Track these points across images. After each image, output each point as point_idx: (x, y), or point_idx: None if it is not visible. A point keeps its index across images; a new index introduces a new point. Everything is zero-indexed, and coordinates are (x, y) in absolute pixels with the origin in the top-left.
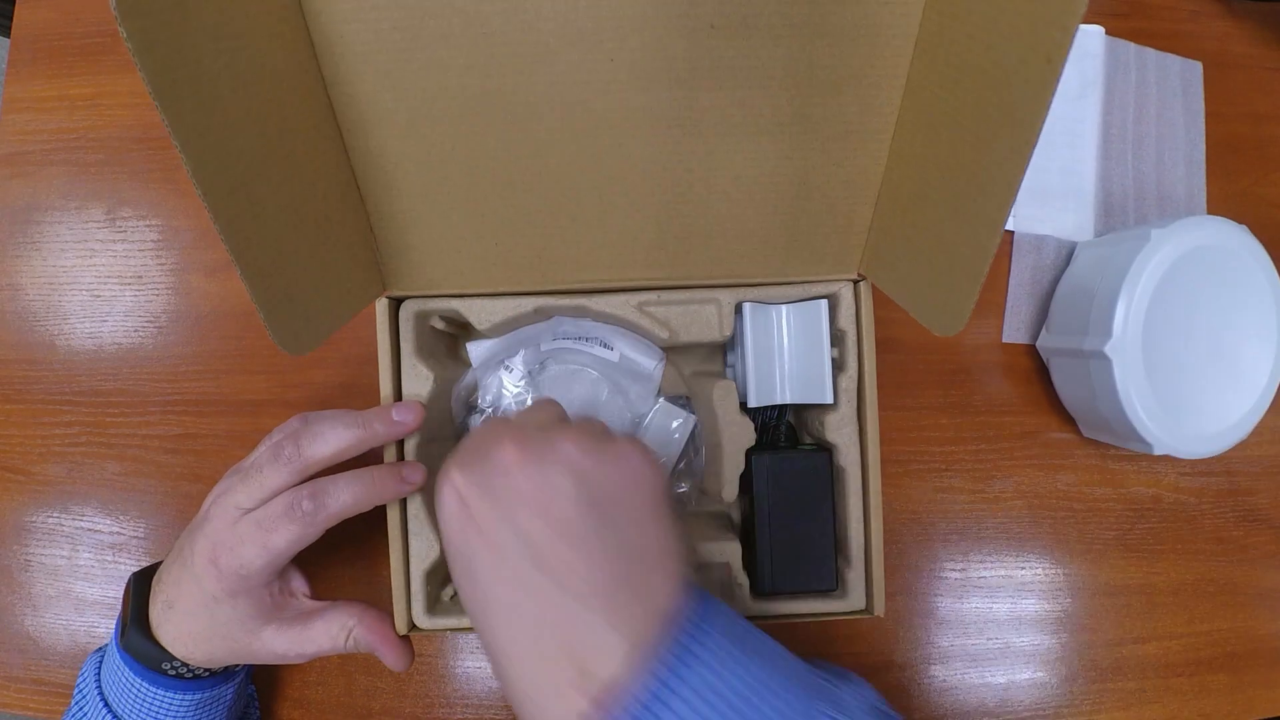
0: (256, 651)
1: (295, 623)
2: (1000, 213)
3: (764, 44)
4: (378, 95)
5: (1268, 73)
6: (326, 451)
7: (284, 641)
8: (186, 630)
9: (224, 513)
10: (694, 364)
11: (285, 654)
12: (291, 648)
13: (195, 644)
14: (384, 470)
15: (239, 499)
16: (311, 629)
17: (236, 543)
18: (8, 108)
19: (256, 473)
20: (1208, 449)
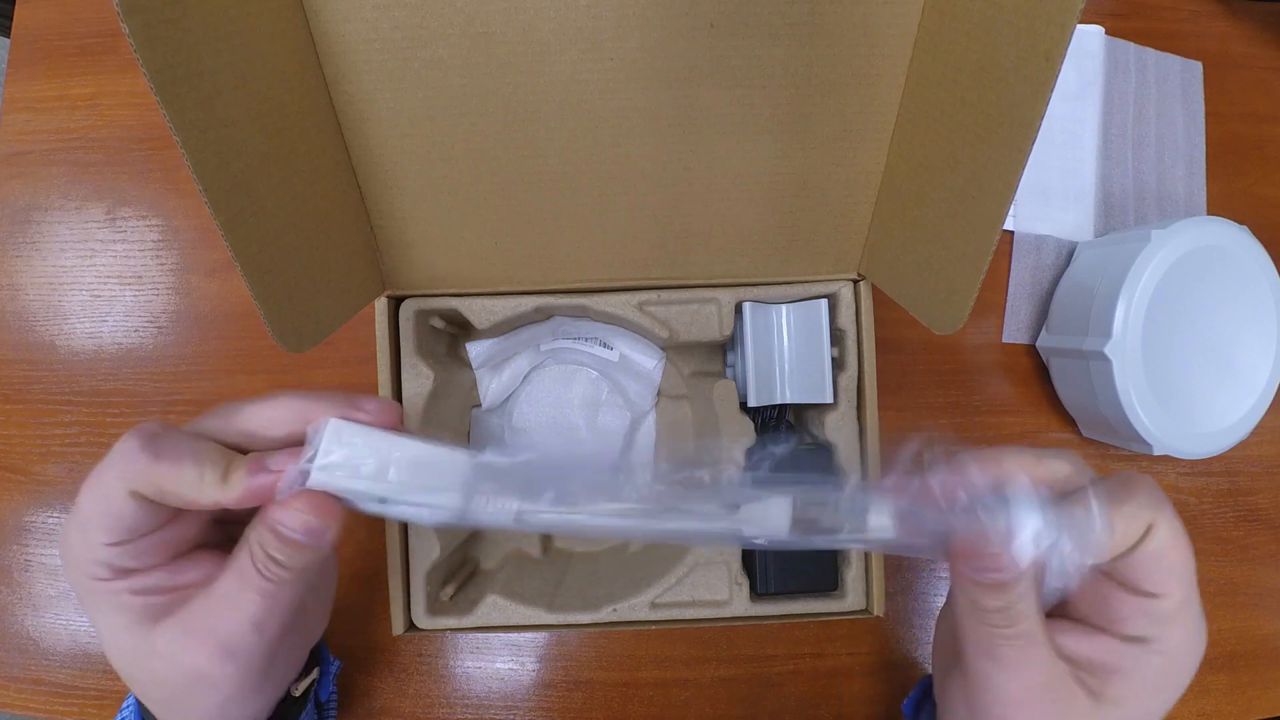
0: (165, 677)
1: (195, 605)
2: (999, 211)
3: (764, 43)
4: (378, 94)
5: (1268, 73)
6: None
7: (180, 635)
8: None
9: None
10: (694, 364)
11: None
12: (191, 637)
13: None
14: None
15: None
16: (216, 588)
17: (66, 520)
18: (8, 108)
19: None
20: (1208, 449)
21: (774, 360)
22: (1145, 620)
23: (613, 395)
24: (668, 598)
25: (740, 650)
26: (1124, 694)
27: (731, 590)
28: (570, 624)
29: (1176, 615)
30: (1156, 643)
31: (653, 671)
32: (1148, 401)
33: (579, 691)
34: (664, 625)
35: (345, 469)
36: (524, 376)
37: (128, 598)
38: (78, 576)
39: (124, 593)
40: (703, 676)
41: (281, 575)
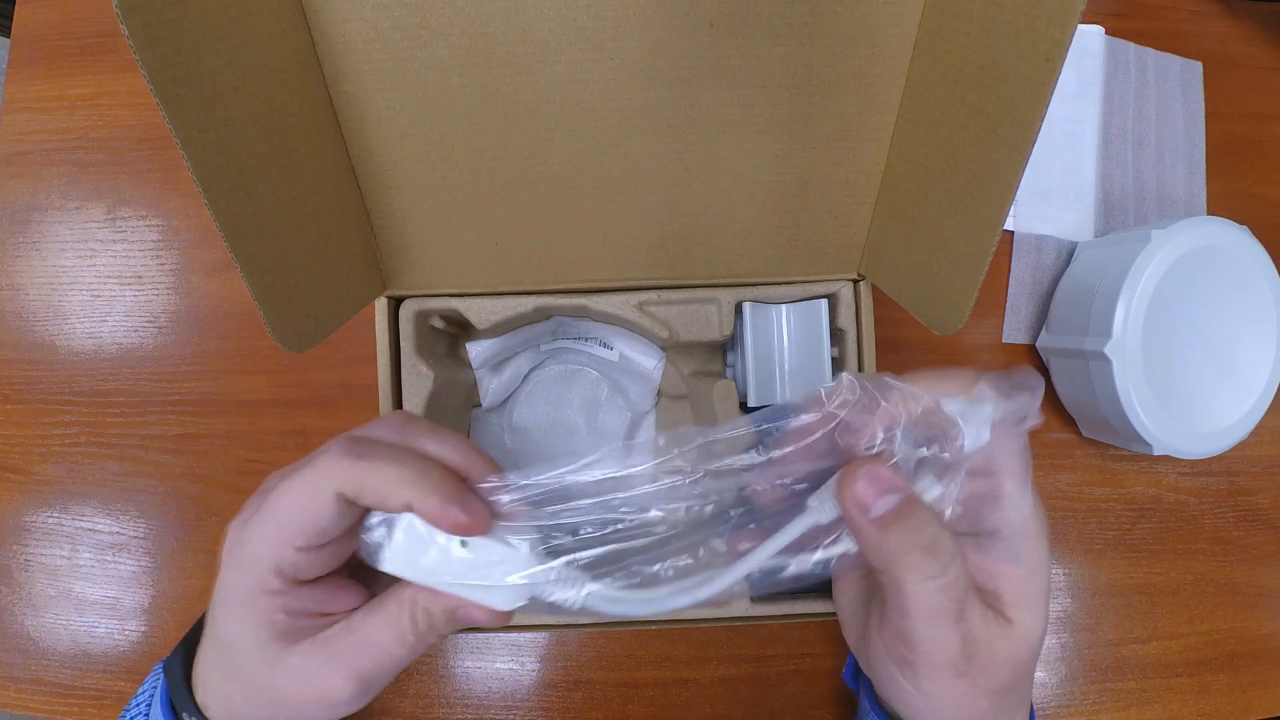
0: (285, 694)
1: (335, 634)
2: (999, 211)
3: (764, 43)
4: (378, 94)
5: (1268, 73)
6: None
7: (322, 663)
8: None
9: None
10: (694, 364)
11: (334, 689)
12: (336, 669)
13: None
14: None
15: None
16: (363, 628)
17: (245, 521)
18: (8, 108)
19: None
20: (1208, 449)
21: (774, 360)
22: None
23: (613, 395)
24: None
25: (740, 650)
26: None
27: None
28: (570, 624)
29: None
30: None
31: (653, 671)
32: (1148, 401)
33: (579, 691)
34: (664, 625)
35: (411, 564)
36: (524, 376)
37: (281, 616)
38: (243, 583)
39: (280, 611)
40: (703, 676)
41: (433, 640)
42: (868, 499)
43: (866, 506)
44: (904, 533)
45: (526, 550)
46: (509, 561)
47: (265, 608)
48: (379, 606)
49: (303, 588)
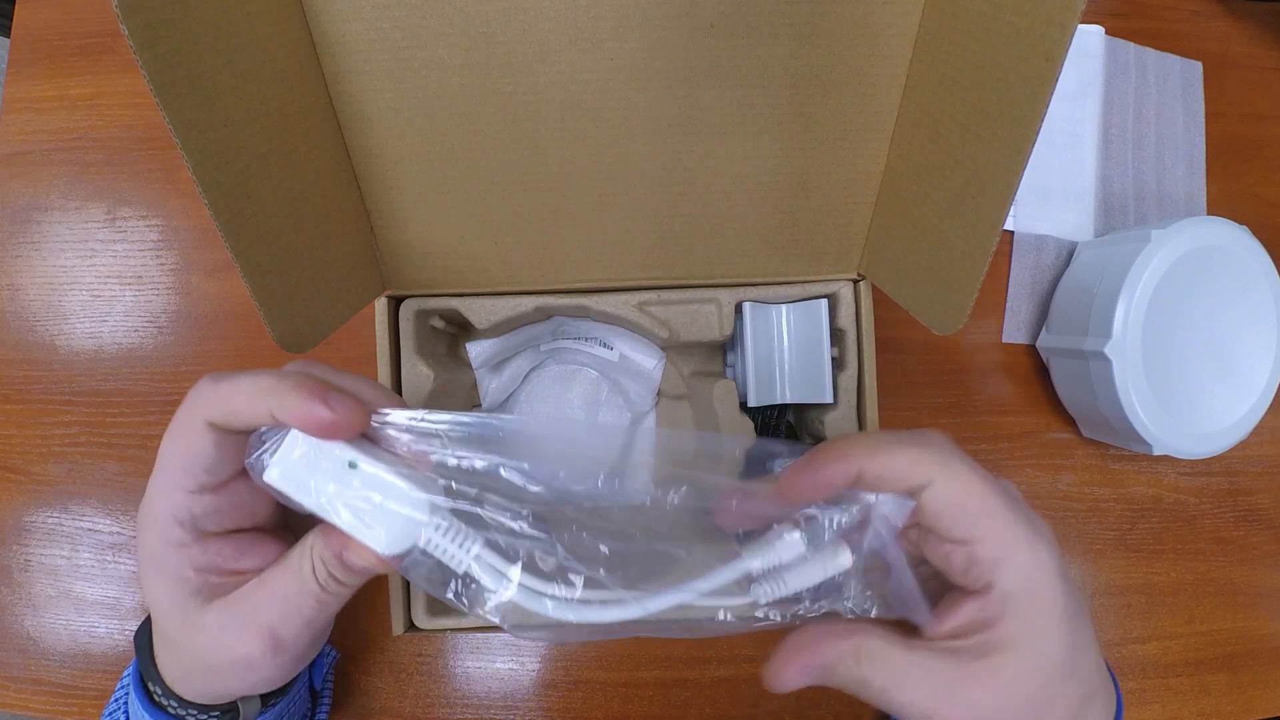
0: (206, 654)
1: (246, 591)
2: (999, 211)
3: (763, 43)
4: (378, 94)
5: (1268, 73)
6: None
7: (232, 621)
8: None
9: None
10: (694, 364)
11: (245, 649)
12: (244, 626)
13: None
14: (309, 378)
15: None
16: (268, 584)
17: (146, 491)
18: (8, 108)
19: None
20: (1208, 449)
21: (774, 360)
22: (980, 568)
23: (613, 395)
24: None
25: (740, 650)
26: (1009, 638)
27: None
28: None
29: (1007, 552)
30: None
31: (653, 671)
32: (1148, 401)
33: (579, 691)
34: None
35: (295, 482)
36: (524, 376)
37: (189, 573)
38: (150, 541)
39: (188, 567)
40: (703, 676)
41: (338, 590)
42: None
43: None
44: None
45: (420, 491)
46: (396, 495)
47: (174, 563)
48: (285, 558)
49: (209, 540)
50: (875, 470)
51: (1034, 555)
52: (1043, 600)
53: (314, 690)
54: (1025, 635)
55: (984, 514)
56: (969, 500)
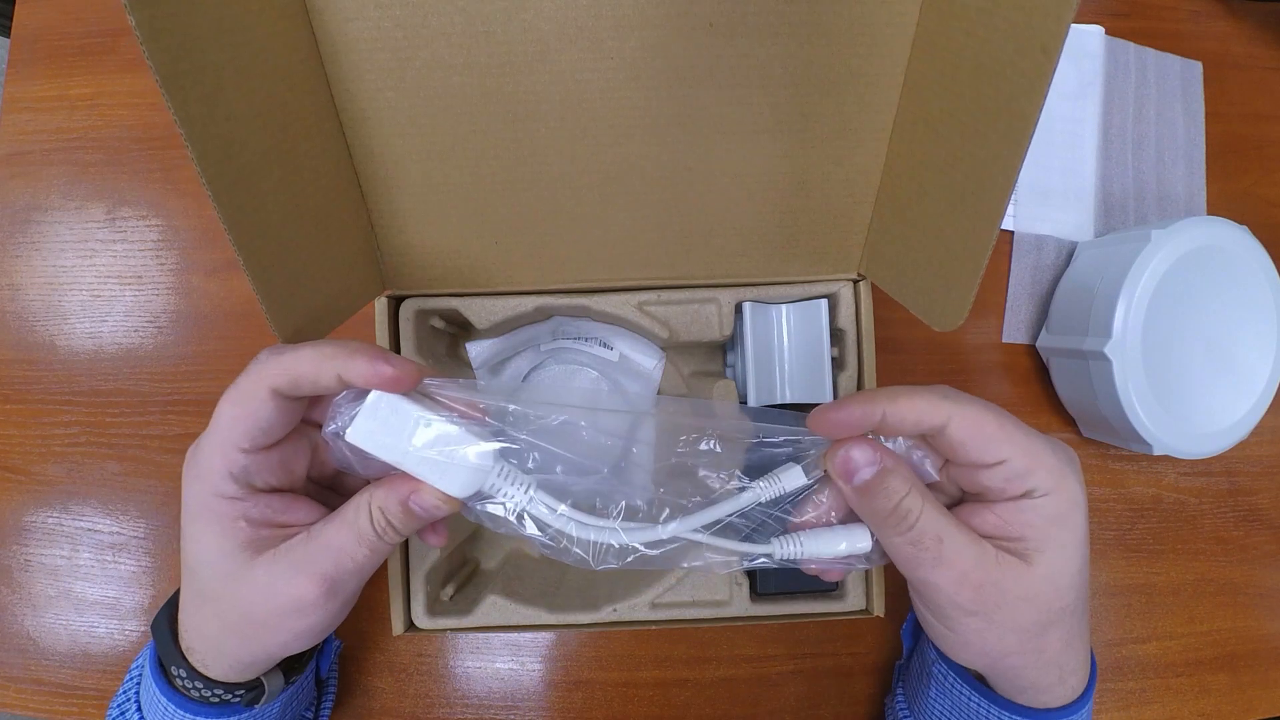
0: (254, 605)
1: (297, 543)
2: (999, 206)
3: (763, 43)
4: (379, 93)
5: (1268, 73)
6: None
7: (286, 570)
8: (182, 606)
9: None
10: (694, 364)
11: (300, 593)
12: (299, 573)
13: (187, 621)
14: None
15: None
16: (323, 534)
17: (196, 442)
18: (8, 108)
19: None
20: (1208, 449)
21: (774, 360)
22: (1012, 482)
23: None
24: (668, 598)
25: (740, 650)
26: (1040, 542)
27: (731, 590)
28: (570, 624)
29: (1032, 466)
30: (1034, 490)
31: (653, 671)
32: (1148, 401)
33: (579, 691)
34: (664, 625)
35: (375, 441)
36: (524, 376)
37: (242, 524)
38: (202, 494)
39: (240, 518)
40: (703, 676)
41: (394, 538)
42: (851, 469)
43: (850, 475)
44: (876, 497)
45: (484, 443)
46: (465, 443)
47: (226, 514)
48: (338, 513)
49: (259, 495)
50: (899, 413)
51: (1056, 463)
52: (1070, 513)
53: (319, 680)
54: (1054, 544)
55: (1004, 436)
56: (986, 426)
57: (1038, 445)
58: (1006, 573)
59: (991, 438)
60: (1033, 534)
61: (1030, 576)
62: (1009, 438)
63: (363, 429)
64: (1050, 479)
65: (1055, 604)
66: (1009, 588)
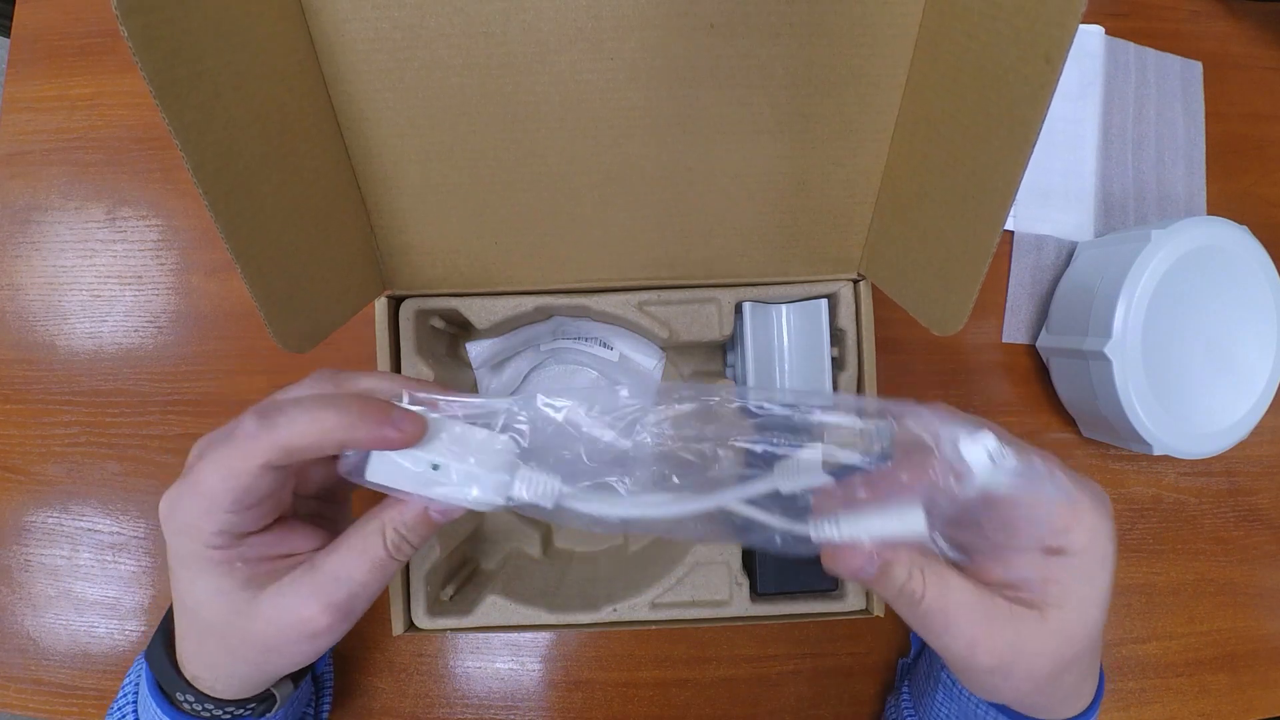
0: (264, 637)
1: (301, 576)
2: (1000, 211)
3: (763, 43)
4: (378, 94)
5: (1268, 73)
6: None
7: (295, 601)
8: (181, 642)
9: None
10: (694, 364)
11: (306, 618)
12: (308, 603)
13: (192, 657)
14: (370, 406)
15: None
16: (327, 560)
17: (180, 484)
18: (8, 108)
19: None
20: (1208, 449)
21: (774, 360)
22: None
23: None
24: (668, 598)
25: (740, 650)
26: (1062, 595)
27: (731, 590)
28: (570, 624)
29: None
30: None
31: (653, 671)
32: (1148, 401)
33: (579, 691)
34: (664, 625)
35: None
36: (524, 376)
37: (239, 565)
38: (190, 545)
39: (236, 561)
40: (703, 676)
41: (407, 553)
42: (853, 570)
43: (854, 573)
44: (878, 586)
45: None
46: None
47: (219, 560)
48: (343, 544)
49: (251, 537)
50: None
51: (1097, 522)
52: (1097, 570)
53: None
54: (1075, 599)
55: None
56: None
57: (1079, 499)
58: (1020, 630)
59: (1044, 496)
60: (1055, 588)
61: (1044, 631)
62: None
63: (380, 470)
64: (1085, 536)
65: (1068, 653)
66: (1023, 645)
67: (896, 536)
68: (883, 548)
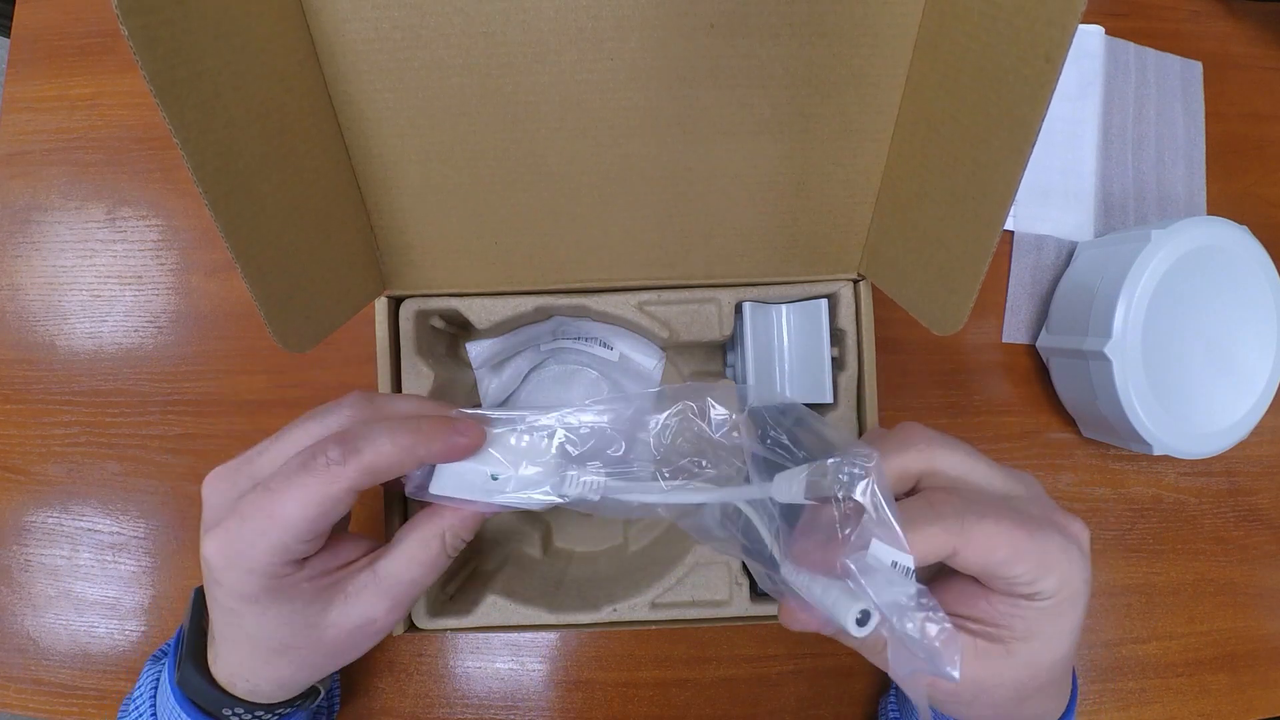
0: (335, 643)
1: (366, 583)
2: (1000, 212)
3: (763, 43)
4: (378, 94)
5: (1268, 73)
6: (383, 462)
7: (362, 608)
8: (235, 663)
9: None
10: (694, 364)
11: (374, 619)
12: (376, 606)
13: (254, 674)
14: (435, 422)
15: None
16: (389, 566)
17: (238, 522)
18: (8, 108)
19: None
20: (1208, 449)
21: (774, 360)
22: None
23: None
24: (668, 598)
25: (740, 650)
26: (1030, 631)
27: (731, 590)
28: (570, 624)
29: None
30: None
31: (653, 671)
32: (1148, 401)
33: (579, 691)
34: (664, 625)
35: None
36: (524, 377)
37: (304, 587)
38: (256, 581)
39: (301, 583)
40: (703, 676)
41: (458, 549)
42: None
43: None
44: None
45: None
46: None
47: (285, 586)
48: (400, 551)
49: (311, 559)
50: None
51: (1068, 568)
52: (1067, 609)
53: None
54: (1042, 634)
55: (1016, 556)
56: (997, 552)
57: (1050, 550)
58: (986, 665)
59: (1004, 561)
60: (1021, 625)
61: (1009, 664)
62: (1021, 555)
63: (445, 483)
64: (1056, 583)
65: (1032, 684)
66: (986, 679)
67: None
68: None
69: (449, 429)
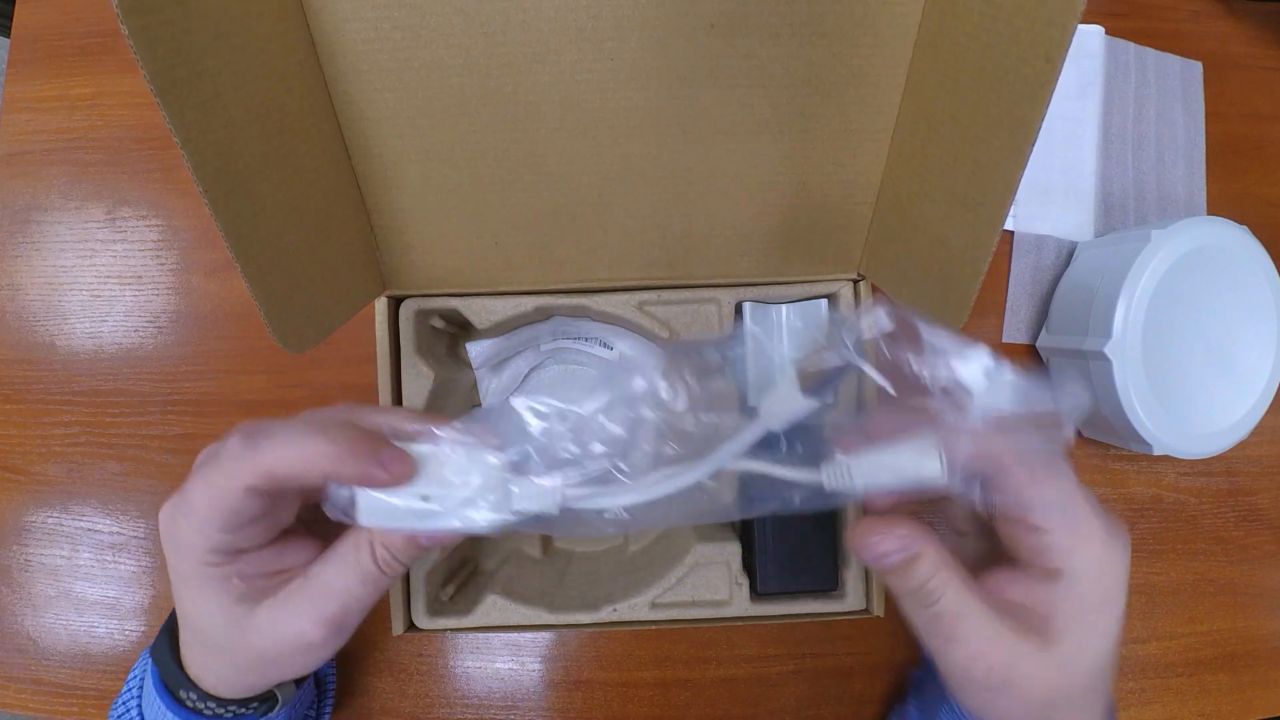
0: (264, 651)
1: (294, 589)
2: (999, 211)
3: (763, 43)
4: (378, 94)
5: (1268, 73)
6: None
7: (289, 615)
8: (185, 643)
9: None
10: None
11: (303, 632)
12: (303, 618)
13: (195, 663)
14: (358, 439)
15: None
16: (321, 578)
17: (178, 498)
18: (8, 108)
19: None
20: (1208, 449)
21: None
22: (1044, 555)
23: None
24: (668, 598)
25: (740, 650)
26: (1064, 626)
27: (731, 590)
28: (570, 624)
29: (1074, 546)
30: (1070, 572)
31: (653, 671)
32: (1148, 401)
33: (579, 691)
34: (664, 625)
35: (383, 515)
36: (524, 377)
37: (235, 581)
38: (186, 561)
39: (232, 577)
40: (703, 676)
41: (398, 570)
42: (877, 555)
43: (876, 560)
44: (899, 577)
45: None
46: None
47: (217, 576)
48: (334, 555)
49: (247, 554)
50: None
51: (1104, 554)
52: (1101, 605)
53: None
54: (1078, 634)
55: (1052, 503)
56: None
57: (1089, 524)
58: (1021, 655)
59: (1042, 506)
60: (1059, 616)
61: (1043, 659)
62: (1058, 506)
63: (372, 512)
64: (1090, 565)
65: (1064, 687)
66: (1021, 667)
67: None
68: (909, 540)
69: (370, 455)
